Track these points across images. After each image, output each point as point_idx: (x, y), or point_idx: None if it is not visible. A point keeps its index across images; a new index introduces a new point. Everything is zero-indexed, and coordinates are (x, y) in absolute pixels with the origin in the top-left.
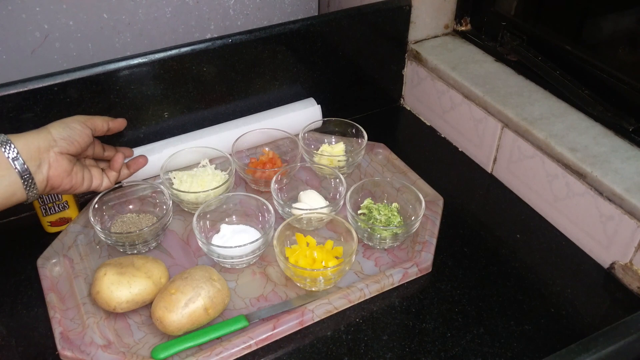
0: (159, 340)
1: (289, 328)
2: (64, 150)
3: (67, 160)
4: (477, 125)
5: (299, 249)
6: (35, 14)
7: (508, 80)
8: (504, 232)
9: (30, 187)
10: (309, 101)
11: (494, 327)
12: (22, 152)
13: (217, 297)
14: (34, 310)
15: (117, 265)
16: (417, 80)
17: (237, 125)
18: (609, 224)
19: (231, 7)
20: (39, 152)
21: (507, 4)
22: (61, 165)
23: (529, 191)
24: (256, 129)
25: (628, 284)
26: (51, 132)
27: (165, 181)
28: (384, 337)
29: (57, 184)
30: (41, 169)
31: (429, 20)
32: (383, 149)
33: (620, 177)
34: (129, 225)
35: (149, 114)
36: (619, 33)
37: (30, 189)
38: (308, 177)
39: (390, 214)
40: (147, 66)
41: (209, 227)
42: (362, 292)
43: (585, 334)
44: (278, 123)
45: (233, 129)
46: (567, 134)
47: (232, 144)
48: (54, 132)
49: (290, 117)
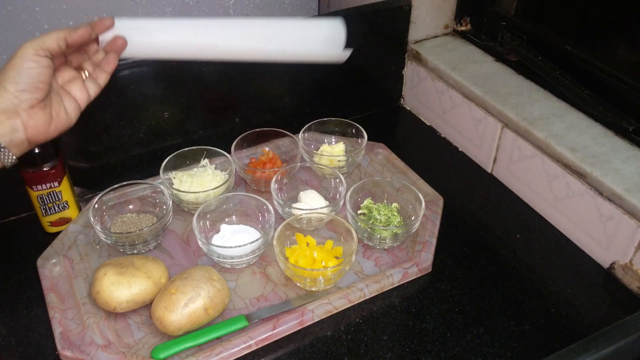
0: (159, 340)
1: (289, 328)
2: (33, 102)
3: (40, 109)
4: (477, 125)
5: (299, 249)
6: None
7: (508, 80)
8: (504, 232)
9: (5, 156)
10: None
11: (494, 327)
12: None
13: (217, 297)
14: (34, 310)
15: (117, 265)
16: (417, 80)
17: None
18: (609, 224)
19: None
20: (6, 118)
21: (507, 4)
22: (37, 119)
23: (529, 191)
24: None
25: (628, 284)
26: (7, 88)
27: (165, 181)
28: (384, 337)
29: (42, 138)
30: (15, 134)
31: (429, 20)
32: (383, 149)
33: (620, 177)
34: (129, 225)
35: (149, 114)
36: (619, 33)
37: (4, 156)
38: (308, 177)
39: (390, 214)
40: (147, 66)
41: (209, 227)
42: (362, 292)
43: (585, 334)
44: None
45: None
46: (567, 134)
47: (233, 143)
48: (10, 87)
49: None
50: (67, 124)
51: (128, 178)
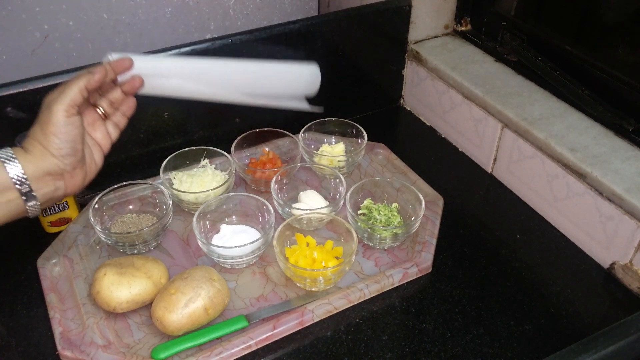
0: (159, 341)
1: (289, 328)
2: (75, 163)
3: (79, 168)
4: (477, 125)
5: (299, 249)
6: (35, 14)
7: (508, 80)
8: (504, 232)
9: (36, 210)
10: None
11: (494, 327)
12: (32, 182)
13: (217, 297)
14: (34, 310)
15: (117, 265)
16: (417, 81)
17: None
18: (609, 224)
19: (231, 7)
20: (52, 179)
21: (507, 4)
22: (77, 178)
23: (529, 191)
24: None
25: (628, 284)
26: (52, 152)
27: (165, 181)
28: (384, 337)
29: (77, 191)
30: (57, 192)
31: (429, 21)
32: (383, 149)
33: (620, 177)
34: (129, 225)
35: (149, 114)
36: (619, 33)
37: (35, 211)
38: (308, 177)
39: (390, 214)
40: None
41: (209, 227)
42: (362, 292)
43: (585, 334)
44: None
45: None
46: (567, 134)
47: (233, 143)
48: (54, 151)
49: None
50: (96, 172)
51: (128, 178)
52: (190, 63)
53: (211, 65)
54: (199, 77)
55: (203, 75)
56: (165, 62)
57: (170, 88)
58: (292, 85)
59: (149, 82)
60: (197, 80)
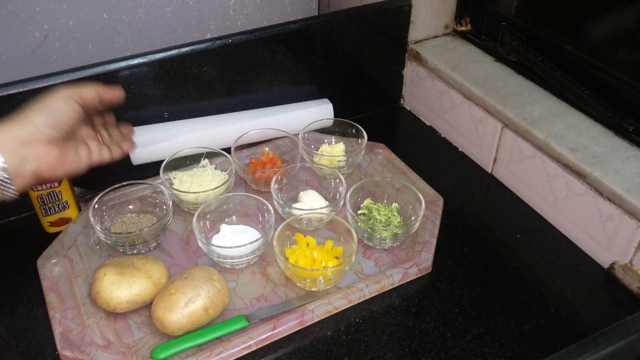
0: (159, 341)
1: (289, 328)
2: (52, 138)
3: (56, 147)
4: (477, 125)
5: (299, 249)
6: (35, 14)
7: (508, 80)
8: (504, 232)
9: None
10: (322, 100)
11: (494, 327)
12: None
13: (217, 297)
14: (34, 310)
15: (117, 265)
16: (417, 81)
17: (242, 119)
18: (609, 224)
19: (231, 7)
20: (21, 146)
21: (507, 4)
22: (51, 156)
23: (529, 191)
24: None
25: (628, 284)
26: (33, 119)
27: (165, 181)
28: (384, 337)
29: (48, 176)
30: (24, 164)
31: (429, 21)
32: (383, 149)
33: (620, 177)
34: (129, 225)
35: (149, 114)
36: (619, 33)
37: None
38: (308, 177)
39: (390, 214)
40: (147, 66)
41: (209, 227)
42: (362, 292)
43: (585, 334)
44: (287, 120)
45: (238, 123)
46: (567, 134)
47: (234, 142)
48: (36, 119)
49: (302, 115)
50: (75, 168)
51: (128, 178)
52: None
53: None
54: (212, 141)
55: (218, 140)
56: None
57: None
58: (305, 126)
59: (160, 147)
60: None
